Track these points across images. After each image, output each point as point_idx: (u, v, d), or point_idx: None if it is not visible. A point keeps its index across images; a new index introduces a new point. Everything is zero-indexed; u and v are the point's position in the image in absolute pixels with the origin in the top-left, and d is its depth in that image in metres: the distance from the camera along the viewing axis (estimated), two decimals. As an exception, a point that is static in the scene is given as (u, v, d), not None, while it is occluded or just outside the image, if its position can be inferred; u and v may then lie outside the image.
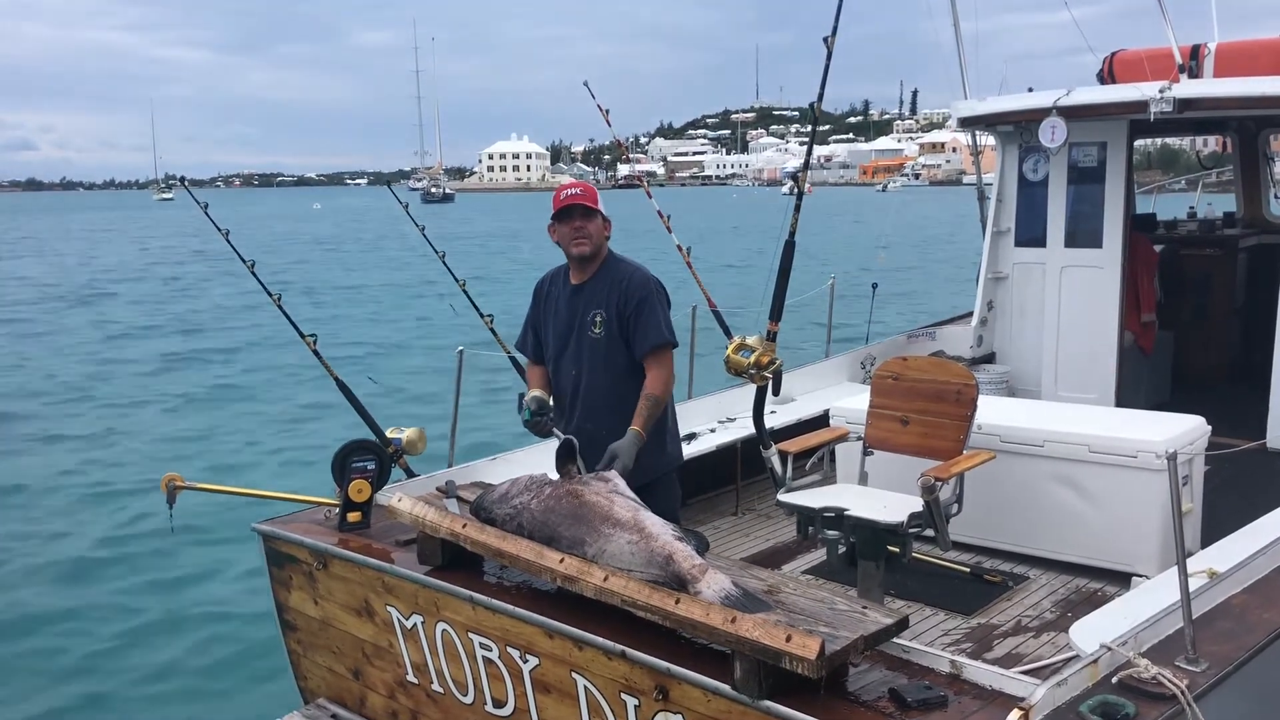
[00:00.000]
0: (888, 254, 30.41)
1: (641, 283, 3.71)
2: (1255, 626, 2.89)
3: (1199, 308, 7.76)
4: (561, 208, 3.70)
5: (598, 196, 3.77)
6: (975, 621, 4.23)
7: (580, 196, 3.70)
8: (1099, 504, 4.47)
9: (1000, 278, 7.05)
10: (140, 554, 7.99)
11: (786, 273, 4.38)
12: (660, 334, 3.67)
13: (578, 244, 3.71)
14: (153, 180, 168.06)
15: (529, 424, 3.68)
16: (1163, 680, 2.47)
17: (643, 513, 2.94)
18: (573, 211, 3.68)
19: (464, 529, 3.22)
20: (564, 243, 3.75)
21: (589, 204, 3.69)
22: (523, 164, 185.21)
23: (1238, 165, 8.49)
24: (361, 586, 3.57)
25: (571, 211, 3.68)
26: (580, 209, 3.68)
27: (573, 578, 2.86)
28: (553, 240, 3.81)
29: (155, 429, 12.25)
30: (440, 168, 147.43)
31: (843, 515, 3.88)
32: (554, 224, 3.75)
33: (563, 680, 2.94)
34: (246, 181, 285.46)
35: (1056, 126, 6.05)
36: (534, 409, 3.68)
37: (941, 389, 4.21)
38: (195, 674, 6.08)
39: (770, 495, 5.33)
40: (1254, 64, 6.03)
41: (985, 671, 2.60)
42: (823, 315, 8.04)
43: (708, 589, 2.65)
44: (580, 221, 3.68)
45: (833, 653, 2.40)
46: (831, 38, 4.00)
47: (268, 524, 3.95)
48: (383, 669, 3.61)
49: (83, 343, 19.04)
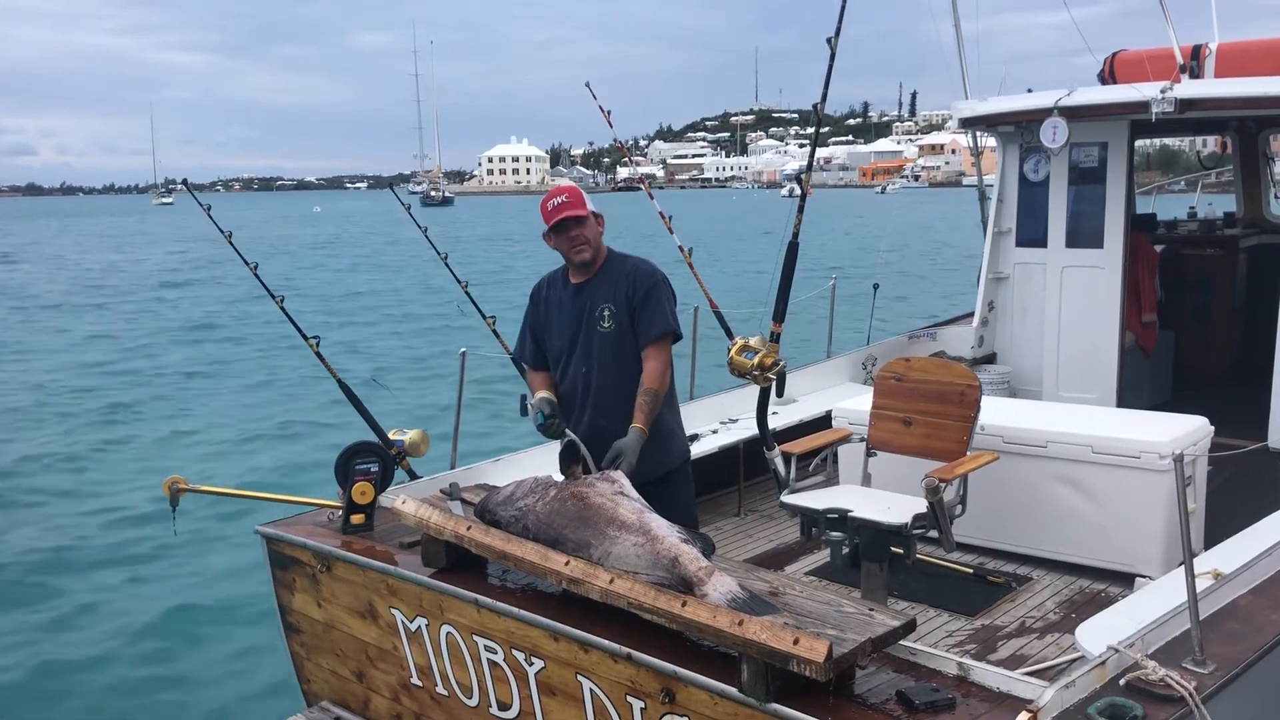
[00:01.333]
0: (886, 257, 30.44)
1: (649, 273, 3.74)
2: (1263, 628, 2.88)
3: (1200, 308, 7.76)
4: (553, 224, 3.68)
5: (584, 197, 3.75)
6: (979, 623, 4.22)
7: (567, 205, 3.66)
8: (1102, 505, 4.47)
9: (1001, 278, 7.04)
10: (142, 556, 7.98)
11: (790, 274, 4.37)
12: (666, 323, 3.68)
13: (578, 251, 3.70)
14: (152, 185, 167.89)
15: (542, 427, 3.66)
16: (1171, 682, 2.46)
17: (648, 515, 2.93)
18: (564, 225, 3.67)
19: (468, 531, 3.21)
20: (563, 250, 3.75)
21: (578, 212, 3.66)
22: (522, 167, 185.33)
23: (1238, 166, 8.49)
24: (365, 589, 3.56)
25: (563, 225, 3.67)
26: (571, 220, 3.66)
27: (578, 580, 2.85)
28: (550, 246, 3.81)
29: (156, 432, 12.24)
30: (439, 171, 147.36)
31: (846, 516, 3.87)
32: (549, 235, 3.75)
33: (568, 683, 2.93)
34: (246, 185, 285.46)
35: (1058, 127, 6.05)
36: (547, 412, 3.65)
37: (944, 390, 4.21)
38: (198, 677, 6.07)
39: (772, 496, 5.32)
40: (1255, 64, 6.04)
41: (993, 674, 2.60)
42: (815, 316, 8.04)
43: (714, 591, 2.64)
44: (575, 230, 3.67)
45: (840, 655, 2.40)
46: (835, 38, 3.99)
47: (271, 526, 3.94)
48: (387, 672, 3.60)
49: (74, 345, 19.05)
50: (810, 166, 4.44)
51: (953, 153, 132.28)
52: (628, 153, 9.40)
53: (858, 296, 8.81)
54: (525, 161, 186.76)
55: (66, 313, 24.09)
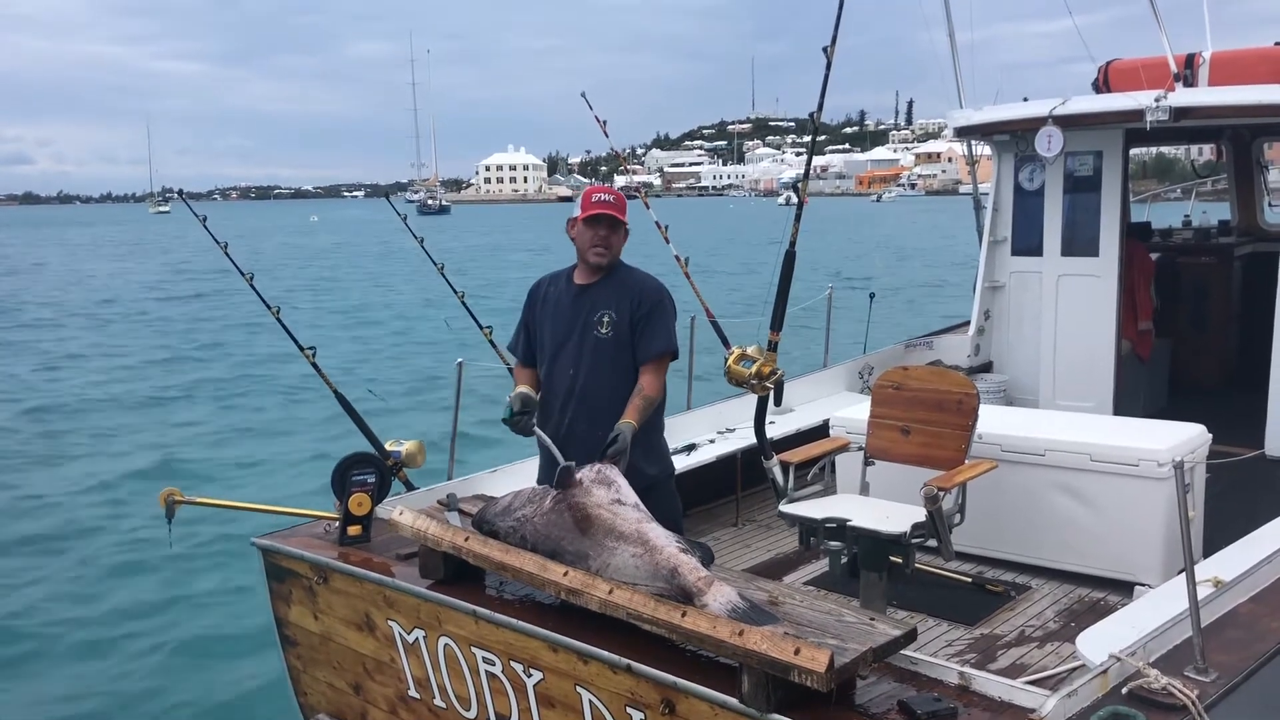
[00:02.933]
0: (883, 264, 30.46)
1: (655, 289, 3.75)
2: (1264, 635, 2.88)
3: (1196, 316, 7.78)
4: (592, 214, 3.67)
5: (626, 207, 3.76)
6: (978, 632, 4.21)
7: (612, 206, 3.68)
8: (1101, 513, 4.46)
9: (997, 287, 7.05)
10: (137, 568, 7.94)
11: (787, 282, 4.38)
12: (667, 342, 3.69)
13: (597, 253, 3.70)
14: (149, 193, 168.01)
15: (508, 422, 3.62)
16: (1173, 690, 2.45)
17: (647, 524, 2.92)
18: (601, 220, 3.67)
19: (466, 542, 3.20)
20: (582, 245, 3.73)
21: (618, 215, 3.69)
22: (520, 175, 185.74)
23: (1232, 174, 8.52)
24: (362, 601, 3.55)
25: (600, 219, 3.67)
26: (608, 219, 3.67)
27: (578, 591, 2.84)
28: (568, 235, 3.78)
29: (154, 440, 12.20)
30: (436, 180, 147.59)
31: (845, 526, 3.86)
32: (578, 224, 3.72)
33: (567, 694, 2.91)
34: (244, 194, 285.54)
35: (1053, 135, 6.06)
36: (516, 407, 3.63)
37: (943, 398, 4.21)
38: (193, 690, 6.02)
39: (770, 506, 5.31)
40: (1248, 73, 6.06)
41: (995, 683, 2.59)
42: (810, 325, 8.04)
43: (714, 601, 2.63)
44: (606, 231, 3.69)
45: (841, 665, 2.39)
46: (831, 47, 4.00)
47: (267, 538, 3.92)
48: (384, 684, 3.58)
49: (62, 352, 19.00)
50: (806, 175, 4.45)
51: (949, 161, 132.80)
52: (624, 161, 9.40)
53: (854, 309, 8.81)
54: (523, 170, 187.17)
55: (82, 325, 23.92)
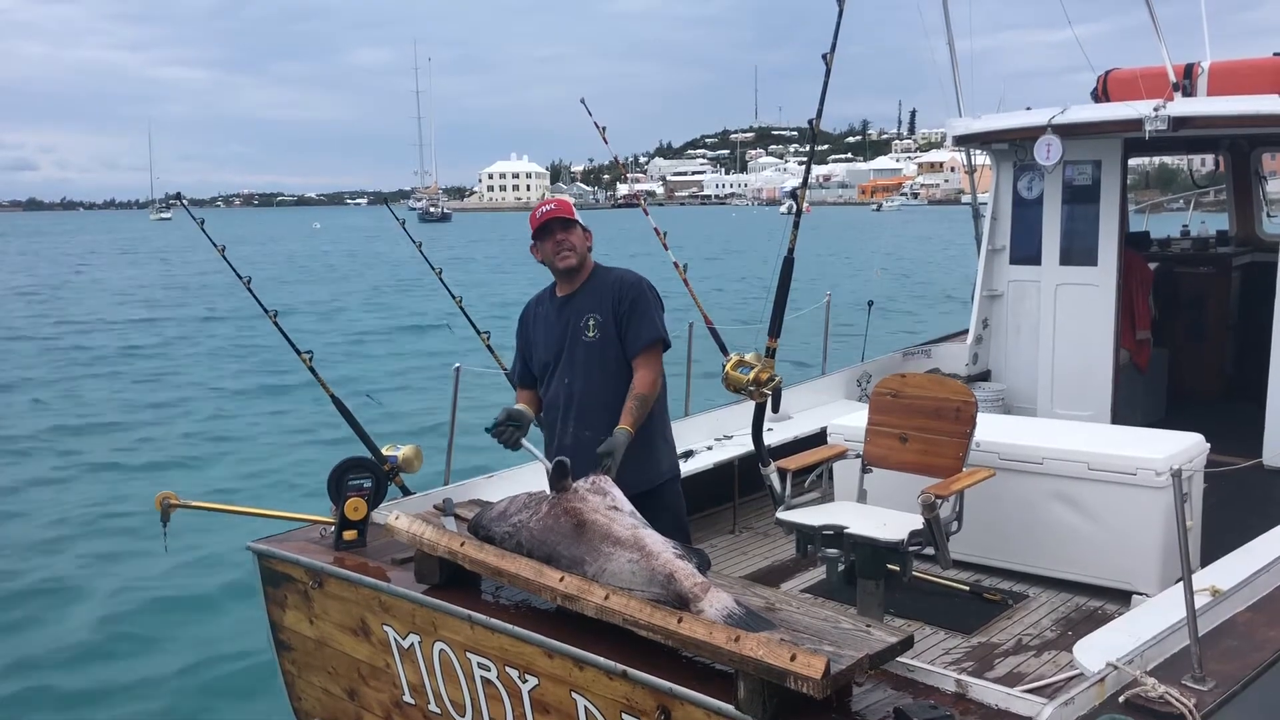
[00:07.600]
0: (882, 272, 30.44)
1: (634, 282, 3.77)
2: (1261, 644, 2.87)
3: (1194, 325, 7.79)
4: (540, 225, 3.74)
5: (572, 207, 3.83)
6: (976, 640, 4.20)
7: (555, 211, 3.76)
8: (1099, 522, 4.46)
9: (995, 295, 7.06)
10: (131, 571, 7.92)
11: (785, 289, 4.38)
12: (654, 330, 3.70)
13: (563, 257, 3.74)
14: (151, 200, 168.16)
15: (490, 430, 3.65)
16: (1170, 699, 2.44)
17: (643, 530, 2.91)
18: (551, 226, 3.73)
19: (462, 547, 3.19)
20: (549, 259, 3.79)
21: (565, 215, 3.73)
22: (522, 184, 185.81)
23: (1230, 184, 8.54)
24: (358, 606, 3.54)
25: (550, 227, 3.73)
26: (558, 222, 3.72)
27: (573, 596, 2.83)
28: (537, 260, 3.85)
29: (151, 444, 12.19)
30: (437, 187, 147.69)
31: (842, 533, 3.86)
32: (536, 244, 3.80)
33: (562, 701, 2.90)
34: (247, 201, 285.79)
35: (1052, 144, 6.08)
36: (500, 419, 3.65)
37: (940, 406, 4.21)
38: (187, 695, 5.99)
39: (767, 513, 5.30)
40: (1247, 83, 6.08)
41: (992, 691, 2.58)
42: (808, 333, 8.04)
43: (710, 608, 2.62)
44: (561, 235, 3.73)
45: (838, 672, 2.38)
46: (830, 55, 4.01)
47: (263, 542, 3.91)
48: (379, 689, 3.56)
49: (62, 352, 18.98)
50: (805, 183, 4.46)
51: (952, 170, 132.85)
52: (625, 169, 9.43)
53: (853, 317, 8.81)
54: (525, 178, 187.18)
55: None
